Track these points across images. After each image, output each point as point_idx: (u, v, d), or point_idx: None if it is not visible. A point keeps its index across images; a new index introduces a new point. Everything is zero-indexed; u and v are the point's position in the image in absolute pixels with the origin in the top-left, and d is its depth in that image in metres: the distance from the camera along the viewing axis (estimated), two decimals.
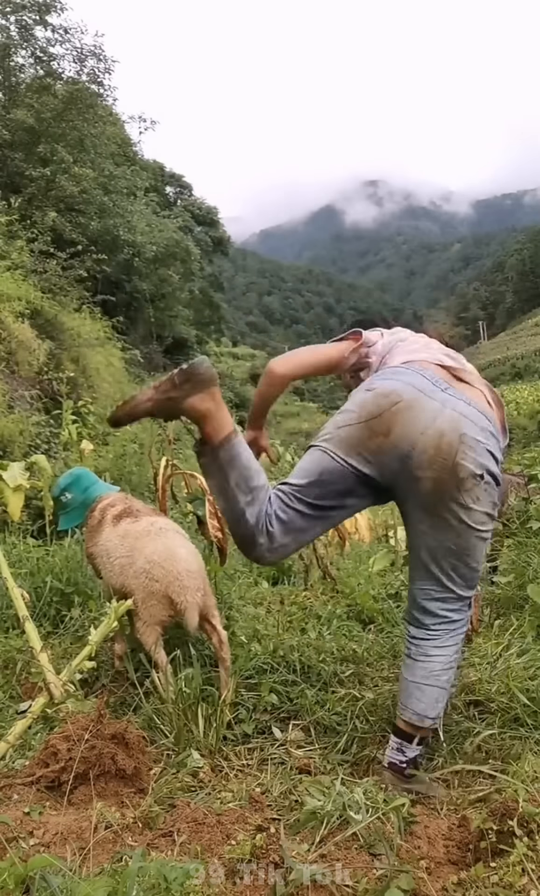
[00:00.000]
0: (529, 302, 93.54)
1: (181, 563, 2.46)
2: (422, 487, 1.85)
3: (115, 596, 2.56)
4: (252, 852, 1.47)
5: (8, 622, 3.10)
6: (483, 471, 1.83)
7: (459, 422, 1.82)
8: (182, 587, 2.42)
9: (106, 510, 2.82)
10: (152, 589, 2.43)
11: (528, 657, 2.49)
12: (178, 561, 2.47)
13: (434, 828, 1.63)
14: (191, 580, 2.44)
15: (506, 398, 43.69)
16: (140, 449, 7.09)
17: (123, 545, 2.59)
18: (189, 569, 2.47)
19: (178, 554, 2.50)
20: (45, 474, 4.72)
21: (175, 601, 2.41)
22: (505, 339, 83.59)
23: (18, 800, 1.73)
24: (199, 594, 2.45)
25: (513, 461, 8.12)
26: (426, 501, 1.87)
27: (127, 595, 2.49)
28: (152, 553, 2.48)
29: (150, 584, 2.44)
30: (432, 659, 1.97)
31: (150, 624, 2.45)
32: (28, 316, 8.61)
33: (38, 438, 7.07)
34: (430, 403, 1.84)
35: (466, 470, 1.81)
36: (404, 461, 1.84)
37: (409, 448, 1.83)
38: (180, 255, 20.08)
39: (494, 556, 4.60)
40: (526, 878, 1.37)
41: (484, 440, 1.84)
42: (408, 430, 1.82)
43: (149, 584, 2.44)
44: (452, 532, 1.87)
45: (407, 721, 1.95)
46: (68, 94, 14.49)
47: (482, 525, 1.89)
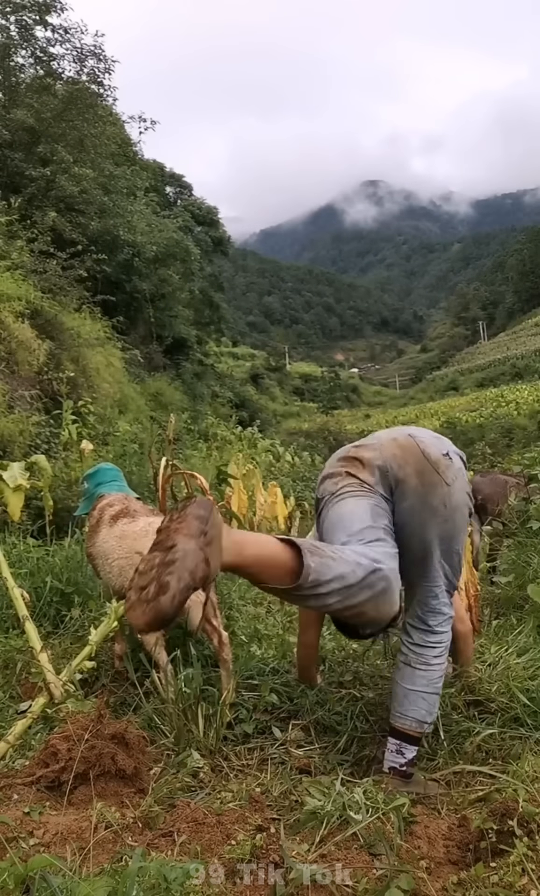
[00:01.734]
0: (529, 302, 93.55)
1: None
2: (410, 483, 1.94)
3: (115, 597, 2.56)
4: (252, 852, 1.47)
5: (8, 622, 3.10)
6: (446, 450, 1.99)
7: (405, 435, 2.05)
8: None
9: (104, 510, 2.82)
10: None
11: (528, 657, 2.50)
12: None
13: (434, 828, 1.63)
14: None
15: (506, 398, 43.73)
16: (140, 449, 7.10)
17: (121, 546, 2.59)
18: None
19: None
20: (45, 474, 4.71)
21: None
22: (505, 339, 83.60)
23: (18, 800, 1.73)
24: (200, 593, 2.45)
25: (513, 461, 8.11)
26: (418, 492, 1.94)
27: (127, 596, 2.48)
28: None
29: None
30: (433, 668, 1.98)
31: None
32: (28, 316, 8.60)
33: (38, 438, 7.07)
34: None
35: (433, 454, 1.96)
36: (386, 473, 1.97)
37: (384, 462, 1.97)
38: (180, 255, 20.05)
39: (494, 556, 4.60)
40: (526, 878, 1.37)
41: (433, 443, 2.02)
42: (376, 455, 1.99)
43: None
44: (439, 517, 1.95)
45: (406, 728, 1.95)
46: (68, 94, 14.48)
47: (465, 506, 2.00)
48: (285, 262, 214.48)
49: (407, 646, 2.02)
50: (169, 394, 18.58)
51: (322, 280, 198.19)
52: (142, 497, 3.39)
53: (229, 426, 16.71)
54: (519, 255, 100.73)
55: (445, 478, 1.95)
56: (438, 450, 1.99)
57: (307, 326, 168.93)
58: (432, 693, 1.97)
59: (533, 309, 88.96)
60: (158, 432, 8.10)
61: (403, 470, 1.94)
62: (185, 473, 3.68)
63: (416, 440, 1.99)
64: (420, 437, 2.02)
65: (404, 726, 1.95)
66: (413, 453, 1.96)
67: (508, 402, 41.87)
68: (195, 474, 3.45)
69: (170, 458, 3.75)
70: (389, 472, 1.94)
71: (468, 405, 49.37)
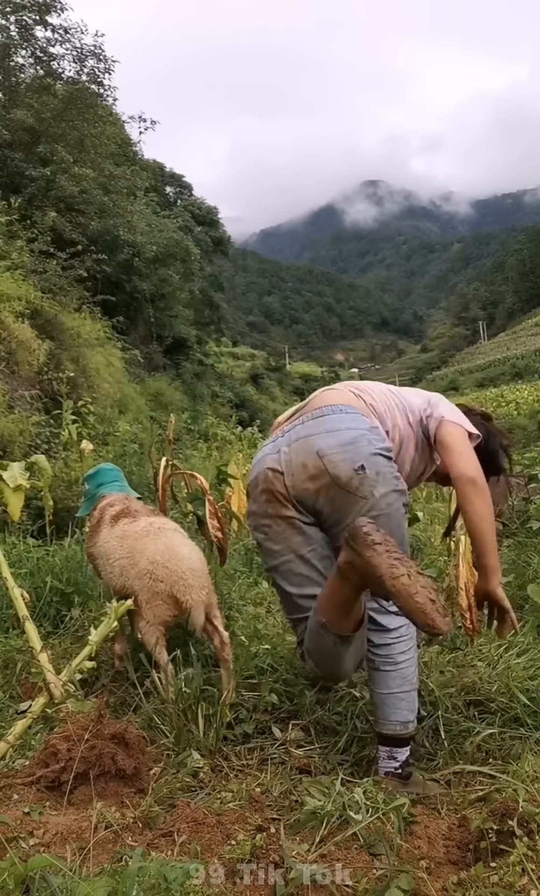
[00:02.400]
0: (529, 302, 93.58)
1: (184, 562, 2.46)
2: (326, 512, 1.95)
3: (116, 597, 2.56)
4: (252, 852, 1.47)
5: (8, 622, 3.10)
6: (359, 464, 1.87)
7: (287, 452, 1.97)
8: (187, 586, 2.41)
9: (105, 510, 2.81)
10: (157, 589, 2.42)
11: (528, 657, 2.49)
12: (182, 560, 2.46)
13: (434, 828, 1.63)
14: (195, 579, 2.44)
15: (506, 398, 43.73)
16: (140, 449, 7.09)
17: (123, 546, 2.58)
18: (193, 567, 2.46)
19: (180, 553, 2.49)
20: (45, 474, 4.71)
21: (180, 600, 2.41)
22: (505, 339, 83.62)
23: (18, 800, 1.73)
24: (203, 592, 2.45)
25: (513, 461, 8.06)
26: (339, 517, 1.93)
27: (129, 596, 2.48)
28: (154, 553, 2.48)
29: (154, 584, 2.43)
30: (401, 665, 1.93)
31: (154, 624, 2.44)
32: (28, 316, 8.60)
33: (38, 438, 7.07)
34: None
35: (344, 476, 1.88)
36: (303, 503, 1.97)
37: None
38: (180, 255, 20.06)
39: None
40: (526, 878, 1.37)
41: (338, 443, 1.90)
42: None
43: (153, 585, 2.43)
44: (383, 520, 1.88)
45: (393, 732, 1.92)
46: (68, 94, 14.48)
47: (398, 501, 1.94)
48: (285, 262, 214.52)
49: (370, 651, 1.97)
50: (169, 394, 18.59)
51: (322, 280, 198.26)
52: (142, 497, 3.39)
53: (229, 426, 16.71)
54: (519, 255, 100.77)
55: (360, 493, 1.88)
56: (351, 466, 1.87)
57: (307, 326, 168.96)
58: (409, 690, 1.93)
59: (533, 309, 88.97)
60: (158, 432, 8.10)
61: (318, 502, 1.93)
62: (185, 473, 3.69)
63: (324, 462, 1.89)
64: (330, 455, 1.89)
65: (391, 731, 1.92)
66: (323, 482, 1.90)
67: (508, 402, 41.84)
68: (195, 474, 3.46)
69: (170, 458, 3.75)
70: (304, 503, 1.95)
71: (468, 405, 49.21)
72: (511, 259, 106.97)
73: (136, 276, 17.69)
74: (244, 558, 4.61)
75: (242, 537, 5.48)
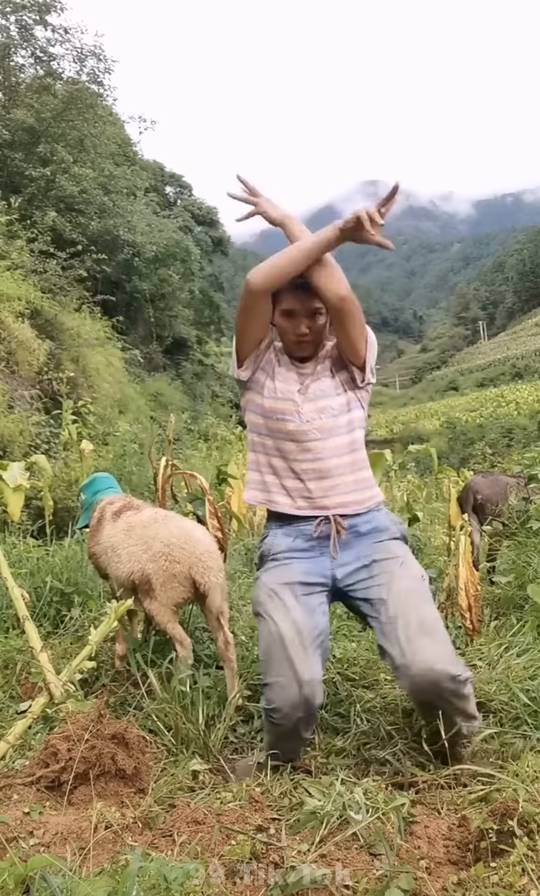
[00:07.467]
0: (529, 302, 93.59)
1: (201, 545, 2.45)
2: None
3: (125, 587, 2.55)
4: (252, 852, 1.47)
5: (8, 622, 3.10)
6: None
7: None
8: (206, 567, 2.40)
9: (105, 508, 2.81)
10: (174, 571, 2.40)
11: (528, 657, 2.49)
12: (198, 542, 2.46)
13: (434, 828, 1.62)
14: (213, 560, 2.43)
15: (506, 398, 43.73)
16: (140, 449, 7.09)
17: (131, 536, 2.56)
18: (209, 550, 2.46)
19: (195, 535, 2.48)
20: (45, 474, 4.71)
21: (199, 582, 2.40)
22: (505, 339, 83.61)
23: (18, 800, 1.72)
24: (221, 574, 2.44)
25: (513, 461, 8.10)
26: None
27: (142, 581, 2.46)
28: (169, 536, 2.46)
29: (171, 565, 2.41)
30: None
31: (167, 605, 2.43)
32: (28, 316, 8.61)
33: (38, 438, 7.07)
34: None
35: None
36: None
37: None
38: (180, 255, 20.06)
39: (494, 556, 4.60)
40: (526, 878, 1.37)
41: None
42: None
43: (170, 566, 2.41)
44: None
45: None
46: (68, 94, 14.47)
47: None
48: None
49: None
50: (169, 394, 18.58)
51: None
52: (142, 498, 3.39)
53: (229, 426, 16.71)
54: (519, 255, 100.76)
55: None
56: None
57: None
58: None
59: (533, 309, 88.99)
60: (158, 432, 8.09)
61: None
62: (185, 473, 3.68)
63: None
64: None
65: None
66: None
67: (509, 402, 41.88)
68: (195, 474, 3.45)
69: (170, 458, 3.75)
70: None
71: (468, 405, 49.40)
72: (511, 259, 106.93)
73: (136, 276, 17.71)
74: (244, 558, 4.61)
75: (242, 537, 5.48)
